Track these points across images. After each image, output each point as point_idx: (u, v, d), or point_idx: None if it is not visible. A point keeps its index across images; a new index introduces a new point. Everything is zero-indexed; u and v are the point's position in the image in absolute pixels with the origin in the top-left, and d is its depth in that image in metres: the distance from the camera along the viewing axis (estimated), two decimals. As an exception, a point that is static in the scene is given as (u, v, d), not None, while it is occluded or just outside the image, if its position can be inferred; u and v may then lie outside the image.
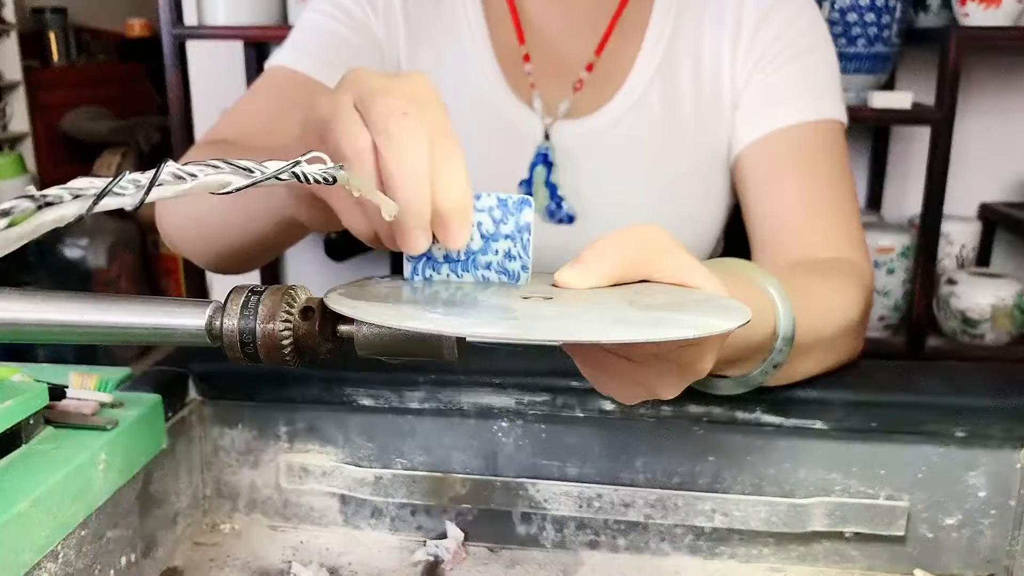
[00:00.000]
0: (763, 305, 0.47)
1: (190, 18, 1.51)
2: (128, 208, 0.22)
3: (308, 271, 1.81)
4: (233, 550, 0.59)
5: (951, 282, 1.48)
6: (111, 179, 0.21)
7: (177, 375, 0.59)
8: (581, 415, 0.57)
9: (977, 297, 1.40)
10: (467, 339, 0.34)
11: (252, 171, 0.25)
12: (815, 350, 0.53)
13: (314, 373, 0.59)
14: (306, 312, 0.33)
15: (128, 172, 0.21)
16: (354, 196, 0.37)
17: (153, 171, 0.22)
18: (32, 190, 0.19)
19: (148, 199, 0.22)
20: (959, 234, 1.53)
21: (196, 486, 0.61)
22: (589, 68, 0.72)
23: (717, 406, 0.56)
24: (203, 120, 1.62)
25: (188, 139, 1.53)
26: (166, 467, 0.56)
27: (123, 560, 0.51)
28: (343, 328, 0.34)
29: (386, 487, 0.59)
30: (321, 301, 0.34)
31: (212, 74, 1.79)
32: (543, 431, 0.58)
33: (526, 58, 0.73)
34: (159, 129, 3.17)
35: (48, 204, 0.19)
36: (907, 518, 0.56)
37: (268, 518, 0.62)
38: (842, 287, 0.58)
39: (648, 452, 0.58)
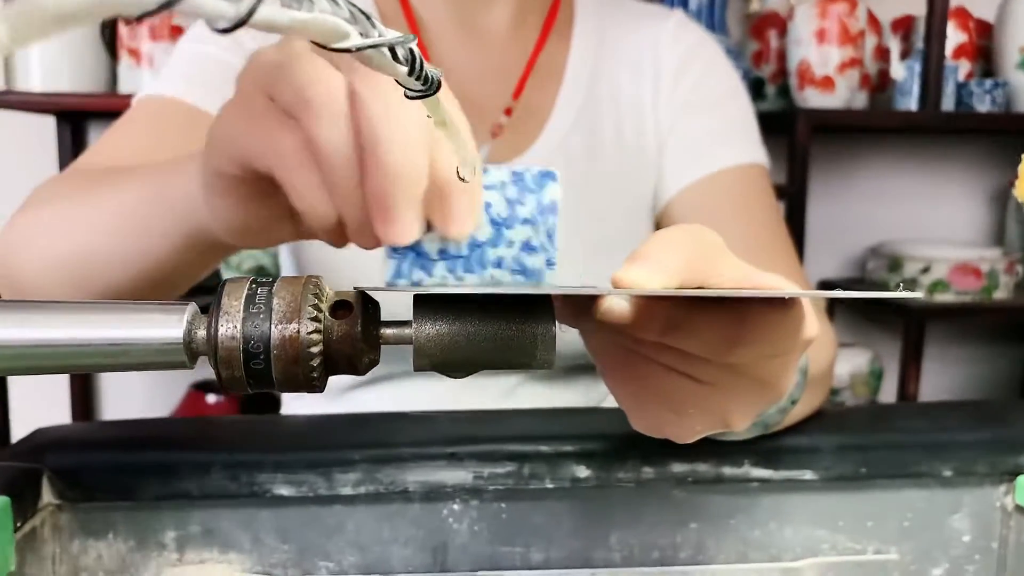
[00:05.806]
0: None
1: (-4, 82, 1.32)
2: (222, 25, 0.12)
3: (136, 392, 1.59)
4: None
5: (807, 353, 1.53)
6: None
7: (26, 472, 0.44)
8: (550, 486, 0.49)
9: (837, 367, 1.46)
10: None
11: (372, 21, 0.16)
12: (813, 386, 0.48)
13: (215, 458, 0.47)
14: (340, 308, 0.23)
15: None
16: (314, 167, 0.27)
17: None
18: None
19: (252, 20, 0.12)
20: (806, 307, 1.60)
21: (47, 623, 0.45)
22: (508, 112, 0.67)
23: (703, 462, 0.50)
24: (3, 202, 1.41)
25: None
26: (10, 598, 0.41)
27: None
28: (390, 331, 0.24)
29: (309, 599, 0.47)
30: (361, 294, 0.24)
31: (16, 149, 1.58)
32: (503, 511, 0.49)
33: None
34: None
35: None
36: (898, 572, 0.52)
37: (147, 657, 0.47)
38: (815, 323, 0.54)
39: (624, 524, 0.50)
